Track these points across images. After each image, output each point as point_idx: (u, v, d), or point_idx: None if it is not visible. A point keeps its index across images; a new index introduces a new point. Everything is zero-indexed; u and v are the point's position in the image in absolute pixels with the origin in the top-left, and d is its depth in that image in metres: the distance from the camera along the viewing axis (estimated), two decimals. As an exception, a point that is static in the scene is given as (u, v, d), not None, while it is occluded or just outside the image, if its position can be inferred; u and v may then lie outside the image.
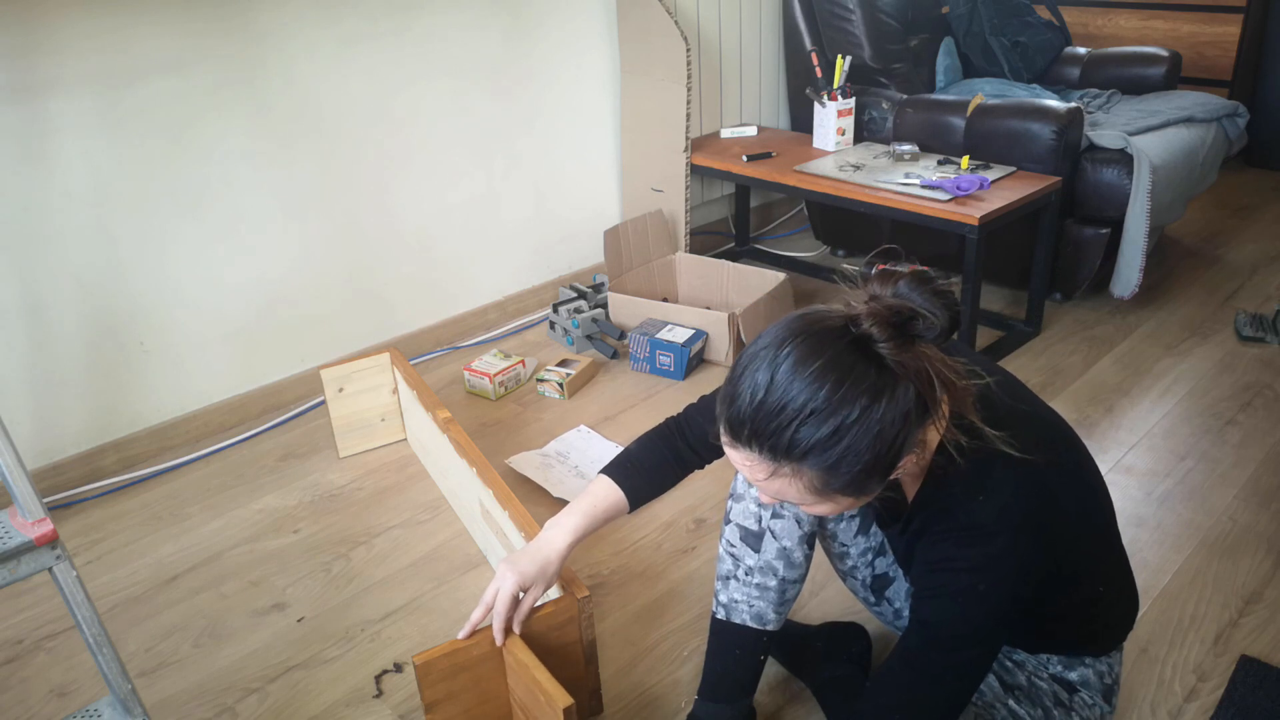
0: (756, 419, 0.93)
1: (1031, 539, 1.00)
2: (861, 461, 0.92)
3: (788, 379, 0.92)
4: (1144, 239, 2.47)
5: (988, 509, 1.01)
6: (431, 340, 2.61)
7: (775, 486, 0.97)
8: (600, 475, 1.32)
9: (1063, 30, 3.24)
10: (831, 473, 0.93)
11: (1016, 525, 1.00)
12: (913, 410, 0.93)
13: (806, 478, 0.94)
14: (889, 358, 0.92)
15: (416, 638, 1.62)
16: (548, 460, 2.08)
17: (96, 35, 1.87)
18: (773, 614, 1.24)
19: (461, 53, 2.44)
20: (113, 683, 1.19)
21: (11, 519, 1.09)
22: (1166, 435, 2.09)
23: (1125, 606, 1.22)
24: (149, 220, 2.04)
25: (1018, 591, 1.01)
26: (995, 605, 1.01)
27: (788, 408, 0.91)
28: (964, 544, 1.01)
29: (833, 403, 0.90)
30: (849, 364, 0.92)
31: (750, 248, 3.15)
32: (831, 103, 2.65)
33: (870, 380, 0.91)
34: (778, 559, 1.21)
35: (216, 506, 2.00)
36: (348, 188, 2.33)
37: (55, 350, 1.99)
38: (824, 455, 0.92)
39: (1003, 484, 1.01)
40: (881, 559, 1.29)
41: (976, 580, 1.01)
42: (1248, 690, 1.43)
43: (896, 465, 0.95)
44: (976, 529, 1.01)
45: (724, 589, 1.25)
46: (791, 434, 0.92)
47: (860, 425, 0.91)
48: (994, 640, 1.05)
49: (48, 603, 1.73)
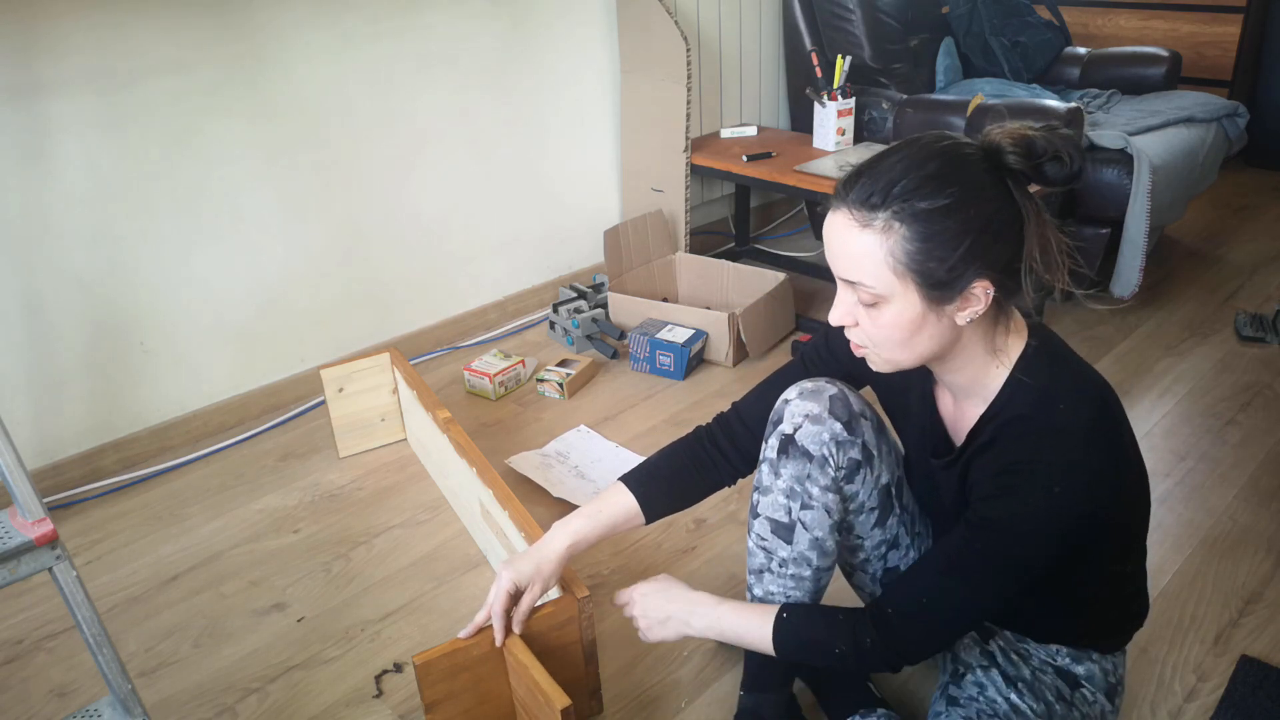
0: (874, 169, 0.98)
1: (1107, 456, 1.01)
2: (955, 241, 0.95)
3: (908, 149, 0.98)
4: (1144, 239, 2.47)
5: (1069, 417, 1.00)
6: (431, 340, 2.61)
7: (860, 248, 0.98)
8: (616, 481, 1.32)
9: (1063, 30, 3.24)
10: (922, 240, 0.95)
11: (1095, 438, 1.00)
12: (1011, 233, 0.97)
13: (895, 239, 0.96)
14: (1011, 172, 0.97)
15: (416, 638, 1.62)
16: (548, 460, 2.08)
17: (96, 35, 1.87)
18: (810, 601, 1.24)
19: (461, 53, 2.44)
20: (113, 683, 1.19)
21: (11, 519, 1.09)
22: (1166, 435, 2.09)
23: (1139, 605, 1.22)
24: (149, 220, 2.04)
25: (1084, 508, 1.00)
26: (1063, 511, 0.99)
27: (900, 169, 0.96)
28: (1044, 447, 1.00)
29: (943, 175, 0.95)
30: (968, 156, 0.97)
31: (750, 248, 3.15)
32: (831, 103, 2.65)
33: (983, 179, 0.97)
34: (811, 549, 1.19)
35: (216, 506, 2.00)
36: (348, 187, 2.33)
37: (55, 350, 1.99)
38: (920, 218, 0.95)
39: (1082, 397, 1.02)
40: (894, 552, 1.28)
41: (1053, 482, 0.99)
42: (1248, 690, 1.43)
43: (977, 281, 0.97)
44: (1057, 433, 1.00)
45: (758, 583, 1.24)
46: (897, 187, 0.95)
47: (963, 205, 0.95)
48: (1044, 552, 1.02)
49: (48, 603, 1.73)
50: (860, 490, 1.21)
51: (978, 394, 1.08)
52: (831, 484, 1.17)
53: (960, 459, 1.11)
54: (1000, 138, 0.98)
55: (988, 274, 0.97)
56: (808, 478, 1.17)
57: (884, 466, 1.22)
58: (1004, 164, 0.97)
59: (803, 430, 1.16)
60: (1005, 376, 1.06)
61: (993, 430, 1.06)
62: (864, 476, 1.20)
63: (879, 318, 1.01)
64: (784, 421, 1.18)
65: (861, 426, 1.19)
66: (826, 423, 1.16)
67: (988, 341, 1.05)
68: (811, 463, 1.16)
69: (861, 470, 1.19)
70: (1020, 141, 0.97)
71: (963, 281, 0.97)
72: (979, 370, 1.06)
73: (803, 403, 1.18)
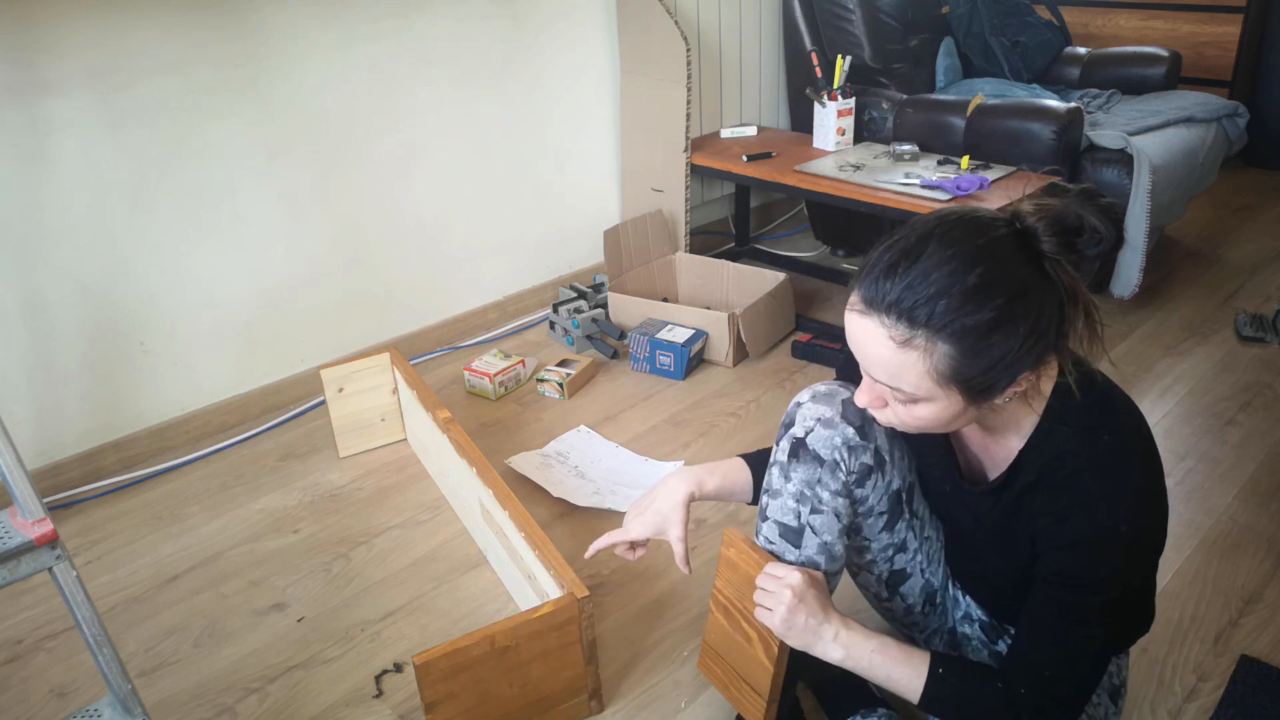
0: (908, 276, 0.91)
1: (1153, 476, 0.99)
2: (1001, 352, 0.91)
3: (944, 251, 0.91)
4: (1144, 239, 2.47)
5: (1115, 450, 0.98)
6: (431, 340, 2.61)
7: (898, 362, 0.93)
8: (736, 456, 1.32)
9: (1063, 30, 3.24)
10: (967, 357, 0.91)
11: (1142, 462, 0.98)
12: (1054, 322, 0.93)
13: (938, 356, 0.92)
14: (1048, 257, 0.92)
15: (416, 638, 1.62)
16: (548, 460, 2.08)
17: (96, 35, 1.87)
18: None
19: (462, 53, 2.44)
20: (113, 683, 1.19)
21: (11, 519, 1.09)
22: (1166, 435, 2.09)
23: (1148, 611, 1.21)
24: (149, 220, 2.04)
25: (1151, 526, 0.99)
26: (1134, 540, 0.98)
27: (941, 279, 0.90)
28: (1099, 481, 0.97)
29: (987, 285, 0.90)
30: (1008, 253, 0.92)
31: (750, 248, 3.15)
32: (831, 103, 2.65)
33: (1025, 275, 0.91)
34: (819, 554, 1.18)
35: (216, 506, 2.00)
36: (348, 187, 2.33)
37: (56, 350, 1.99)
38: (966, 336, 0.90)
39: (1122, 424, 1.00)
40: (901, 555, 1.27)
41: (1118, 520, 0.96)
42: (1248, 690, 1.43)
43: (1022, 375, 0.94)
44: (1106, 467, 0.97)
45: None
46: (941, 304, 0.90)
47: (1009, 315, 0.90)
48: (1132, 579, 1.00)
49: (48, 603, 1.73)
50: (870, 495, 1.19)
51: (1012, 430, 1.06)
52: (842, 489, 1.16)
53: (1004, 492, 1.09)
54: (1034, 221, 0.93)
55: (1036, 366, 0.95)
56: (818, 482, 1.15)
57: (895, 472, 1.21)
58: (1039, 250, 0.93)
59: (814, 434, 1.15)
60: (1041, 408, 1.03)
61: (1038, 468, 1.03)
62: (875, 482, 1.18)
63: (915, 410, 0.98)
64: (795, 424, 1.17)
65: (874, 431, 1.17)
66: (839, 427, 1.15)
67: (1021, 396, 1.02)
68: (822, 467, 1.15)
69: (873, 475, 1.18)
70: (1054, 222, 0.93)
71: (1007, 382, 0.95)
72: (1012, 415, 1.04)
73: (815, 406, 1.16)
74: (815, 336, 2.50)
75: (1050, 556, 1.03)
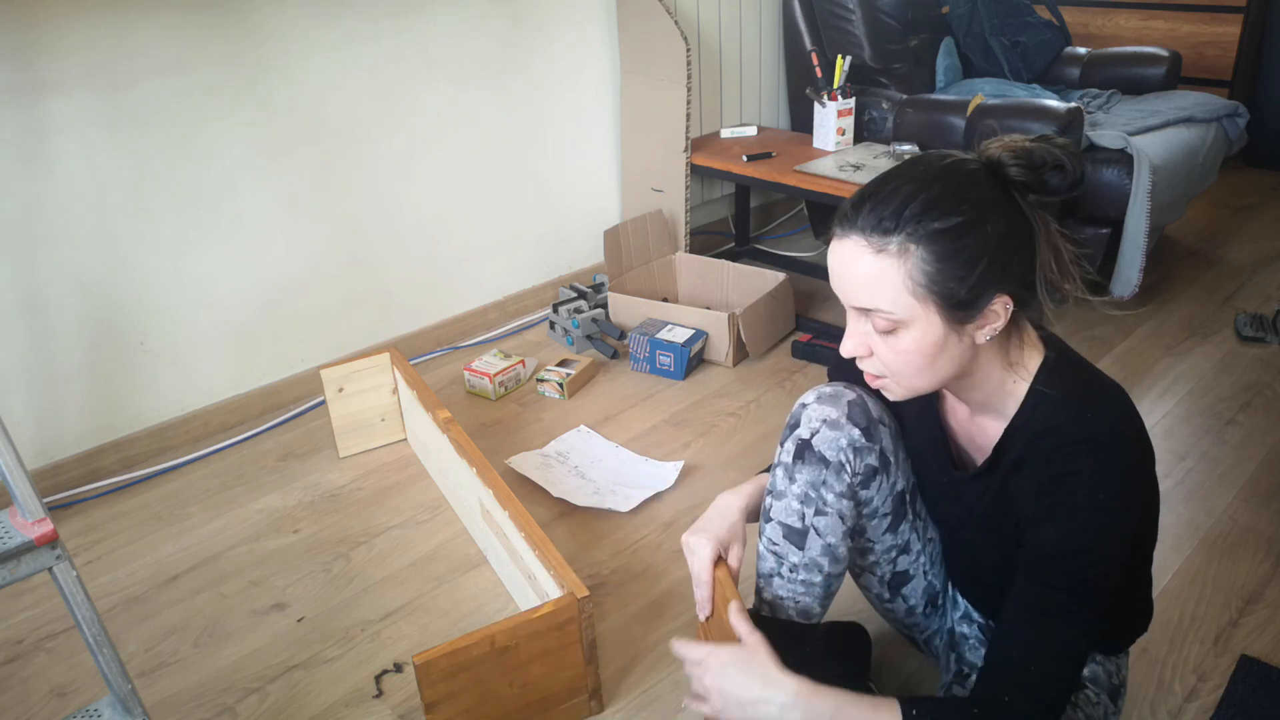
0: (879, 194, 0.97)
1: (1139, 452, 1.00)
2: (972, 256, 0.94)
3: (910, 172, 0.97)
4: (1144, 239, 2.47)
5: (1098, 423, 0.99)
6: (431, 340, 2.61)
7: (874, 274, 0.96)
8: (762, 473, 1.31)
9: (1063, 30, 3.24)
10: (941, 262, 0.94)
11: (1126, 437, 0.99)
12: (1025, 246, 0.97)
13: (912, 262, 0.94)
14: (1014, 183, 0.97)
15: (416, 638, 1.62)
16: (548, 460, 2.08)
17: (96, 35, 1.87)
18: (818, 608, 1.23)
19: (462, 53, 2.44)
20: (113, 683, 1.19)
21: (11, 519, 1.09)
22: (1166, 435, 2.09)
23: (1145, 609, 1.21)
24: (149, 220, 2.04)
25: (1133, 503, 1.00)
26: (1114, 515, 0.98)
27: (908, 190, 0.95)
28: (1079, 455, 0.98)
29: (953, 193, 0.95)
30: (974, 173, 0.97)
31: (750, 248, 3.15)
32: (831, 103, 2.65)
33: (991, 193, 0.96)
34: (823, 555, 1.18)
35: (216, 506, 2.00)
36: (348, 187, 2.33)
37: (55, 350, 1.99)
38: (936, 239, 0.94)
39: (1106, 401, 1.01)
40: (904, 557, 1.27)
41: (1097, 490, 0.97)
42: (1248, 690, 1.43)
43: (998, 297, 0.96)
44: (1090, 440, 0.98)
45: (767, 586, 1.23)
46: (909, 208, 0.94)
47: (978, 220, 0.94)
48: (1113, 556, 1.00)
49: (48, 603, 1.73)
50: (875, 496, 1.19)
51: (997, 409, 1.07)
52: (847, 490, 1.16)
53: (991, 475, 1.09)
54: (999, 151, 0.98)
55: (1007, 288, 0.97)
56: (823, 483, 1.15)
57: (900, 473, 1.21)
58: (1007, 177, 0.97)
59: (820, 435, 1.15)
60: (1025, 389, 1.04)
61: (1022, 446, 1.04)
62: (880, 483, 1.18)
63: (898, 344, 0.99)
64: (801, 426, 1.16)
65: (880, 432, 1.17)
66: (844, 428, 1.14)
67: (1004, 357, 1.04)
68: (828, 468, 1.15)
69: (878, 477, 1.18)
70: (1020, 154, 0.97)
71: (984, 299, 0.96)
72: (997, 385, 1.05)
73: (820, 407, 1.16)
74: (815, 336, 2.50)
75: (1031, 532, 1.03)
